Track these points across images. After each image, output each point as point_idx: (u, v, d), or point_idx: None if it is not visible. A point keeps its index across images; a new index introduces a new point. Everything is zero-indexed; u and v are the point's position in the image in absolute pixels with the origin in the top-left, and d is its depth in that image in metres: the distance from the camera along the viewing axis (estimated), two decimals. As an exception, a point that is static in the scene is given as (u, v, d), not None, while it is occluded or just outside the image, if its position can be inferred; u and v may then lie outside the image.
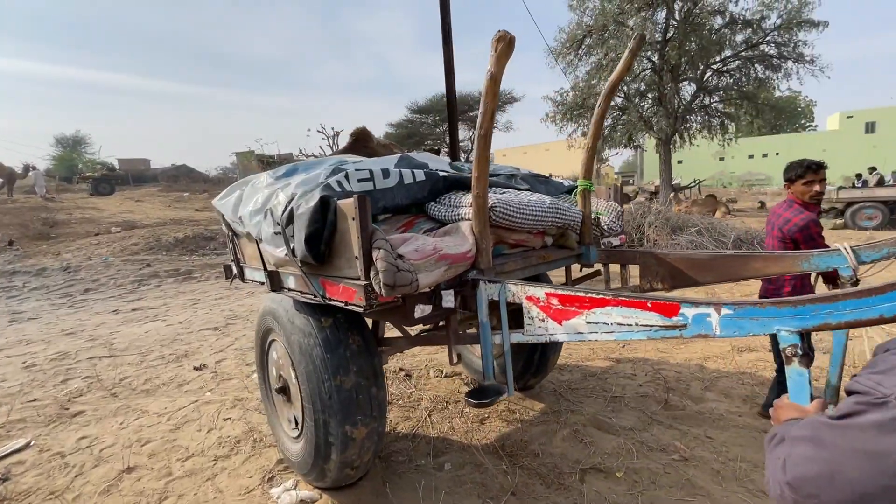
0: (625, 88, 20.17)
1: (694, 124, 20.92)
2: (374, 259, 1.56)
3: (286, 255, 1.90)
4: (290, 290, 2.19)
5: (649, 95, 20.33)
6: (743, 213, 18.94)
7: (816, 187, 2.68)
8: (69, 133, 44.14)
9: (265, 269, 2.33)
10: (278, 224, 1.92)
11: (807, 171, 2.70)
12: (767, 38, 18.68)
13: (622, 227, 2.65)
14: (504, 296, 1.70)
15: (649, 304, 1.27)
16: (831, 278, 2.61)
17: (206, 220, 17.22)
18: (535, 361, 3.22)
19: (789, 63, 18.45)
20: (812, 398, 0.97)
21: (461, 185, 2.24)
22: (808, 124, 53.68)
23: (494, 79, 1.65)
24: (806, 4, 17.90)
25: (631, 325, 1.32)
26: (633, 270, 2.46)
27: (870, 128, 39.62)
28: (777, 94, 21.37)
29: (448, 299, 1.81)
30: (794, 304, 1.00)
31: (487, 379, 1.82)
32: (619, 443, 2.81)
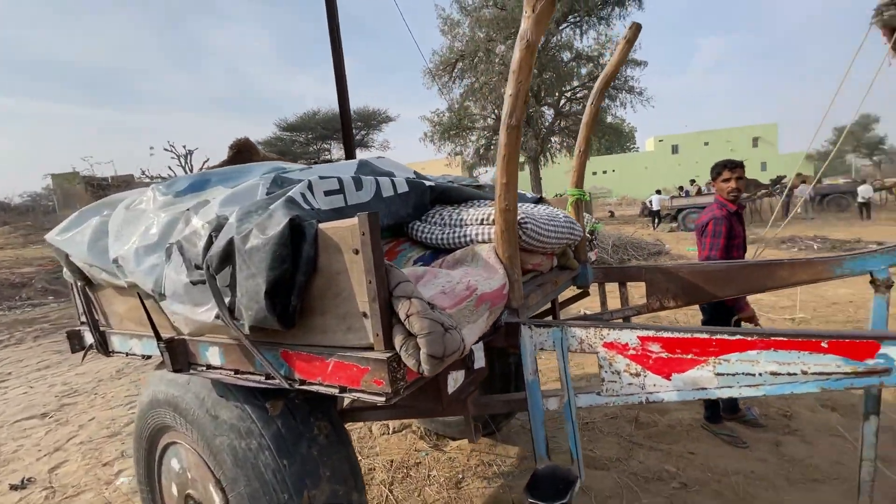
0: (496, 112, 21.56)
1: (555, 144, 23.38)
2: (402, 315, 0.96)
3: (217, 316, 1.16)
4: (211, 368, 1.41)
5: (516, 118, 22.02)
6: (599, 221, 21.49)
7: (732, 184, 2.77)
8: None
9: (158, 337, 1.48)
10: (198, 267, 1.17)
11: (724, 169, 2.80)
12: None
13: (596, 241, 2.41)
14: (566, 345, 1.24)
15: (825, 344, 0.93)
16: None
17: (10, 260, 13.28)
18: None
19: (623, 94, 21.75)
20: None
21: (449, 197, 1.73)
22: (631, 146, 64.68)
23: (531, 48, 1.20)
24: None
25: (794, 373, 0.97)
26: (632, 288, 2.21)
27: (675, 149, 49.19)
28: (608, 119, 25.18)
29: (480, 356, 1.28)
30: None
31: (541, 460, 1.32)
32: (613, 480, 2.52)
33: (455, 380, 1.19)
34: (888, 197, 19.49)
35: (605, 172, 50.77)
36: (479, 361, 1.28)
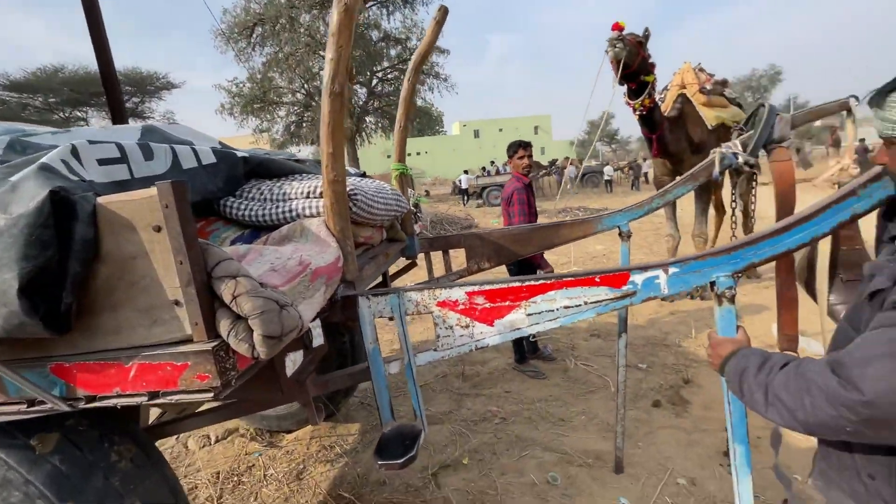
0: (306, 86, 20.32)
1: (370, 124, 23.42)
2: (227, 298, 0.85)
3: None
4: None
5: (329, 95, 21.19)
6: (423, 195, 22.71)
7: (525, 161, 3.38)
8: None
9: None
10: None
11: (518, 148, 3.38)
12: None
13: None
14: (403, 309, 1.29)
15: (598, 279, 1.20)
16: None
17: None
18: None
19: (430, 78, 23.05)
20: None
21: (267, 170, 1.58)
22: (440, 130, 69.58)
23: (349, 10, 1.18)
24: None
25: (579, 304, 1.22)
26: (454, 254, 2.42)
27: (476, 134, 54.94)
28: (419, 103, 26.61)
29: (318, 334, 1.23)
30: (729, 252, 1.13)
31: (387, 422, 1.36)
32: (448, 430, 2.79)
33: (294, 361, 1.12)
34: (622, 175, 25.93)
35: (418, 154, 53.43)
36: (318, 339, 1.23)
